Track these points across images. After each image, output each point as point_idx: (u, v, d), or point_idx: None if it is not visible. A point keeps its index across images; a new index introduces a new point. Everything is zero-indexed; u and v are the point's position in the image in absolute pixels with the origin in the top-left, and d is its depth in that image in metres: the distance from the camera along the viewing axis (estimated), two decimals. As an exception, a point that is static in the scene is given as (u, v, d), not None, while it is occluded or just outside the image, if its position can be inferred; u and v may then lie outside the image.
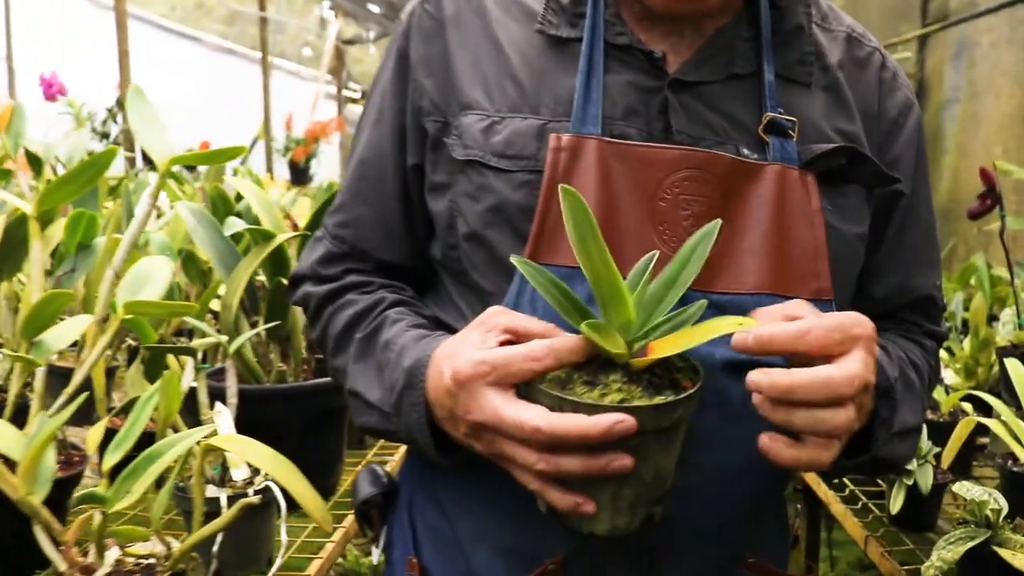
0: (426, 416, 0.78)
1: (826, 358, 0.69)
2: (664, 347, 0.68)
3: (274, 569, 1.13)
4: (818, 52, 0.89)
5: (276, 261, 1.45)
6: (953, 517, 1.42)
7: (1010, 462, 1.33)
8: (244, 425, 1.31)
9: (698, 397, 0.69)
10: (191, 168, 3.85)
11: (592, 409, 0.65)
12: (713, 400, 0.75)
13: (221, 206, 1.65)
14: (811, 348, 0.68)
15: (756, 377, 0.67)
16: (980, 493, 1.11)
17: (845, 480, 1.57)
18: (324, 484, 1.49)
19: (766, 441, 0.70)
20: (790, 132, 0.84)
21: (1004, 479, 1.31)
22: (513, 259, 0.72)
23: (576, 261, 0.68)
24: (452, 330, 0.89)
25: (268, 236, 1.38)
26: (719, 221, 0.75)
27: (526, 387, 0.70)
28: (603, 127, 0.82)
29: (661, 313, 0.71)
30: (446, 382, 0.72)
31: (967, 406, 1.61)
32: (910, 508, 1.29)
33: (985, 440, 1.73)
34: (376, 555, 1.08)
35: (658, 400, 0.67)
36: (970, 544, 1.01)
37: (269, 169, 6.47)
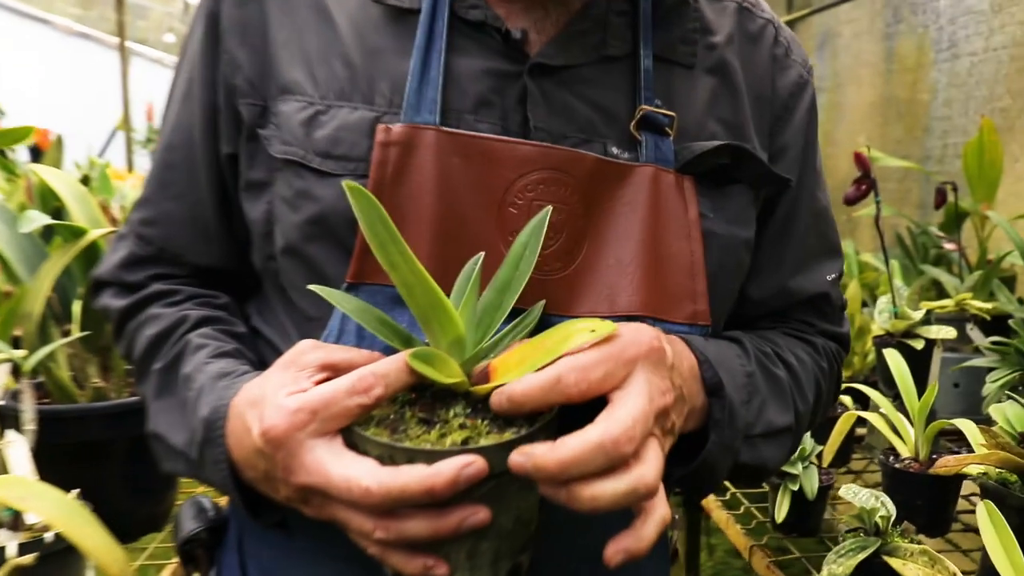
0: (231, 478, 0.63)
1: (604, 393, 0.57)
2: (507, 370, 0.55)
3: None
4: (704, 28, 0.77)
5: (91, 261, 1.26)
6: (838, 519, 1.36)
7: (892, 458, 1.28)
8: (57, 451, 1.17)
9: (557, 422, 0.56)
10: (36, 156, 3.53)
11: (431, 456, 0.52)
12: (574, 417, 0.63)
13: (50, 199, 1.45)
14: (571, 397, 0.55)
15: (518, 461, 0.53)
16: (867, 498, 1.05)
17: (727, 483, 1.50)
18: (153, 512, 1.34)
19: (613, 555, 0.56)
20: (667, 129, 0.72)
21: (886, 476, 1.26)
22: (312, 288, 0.60)
23: None
24: (277, 349, 0.75)
25: (78, 232, 1.18)
26: (549, 208, 0.63)
27: (349, 434, 0.56)
28: (449, 120, 0.68)
29: (497, 324, 0.59)
30: (255, 441, 0.58)
31: (845, 399, 1.57)
32: (795, 512, 1.22)
33: (863, 431, 1.70)
34: (205, 601, 0.93)
35: (508, 436, 0.54)
36: (861, 556, 0.94)
37: (129, 161, 6.08)
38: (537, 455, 0.52)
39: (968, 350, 1.79)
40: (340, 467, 0.54)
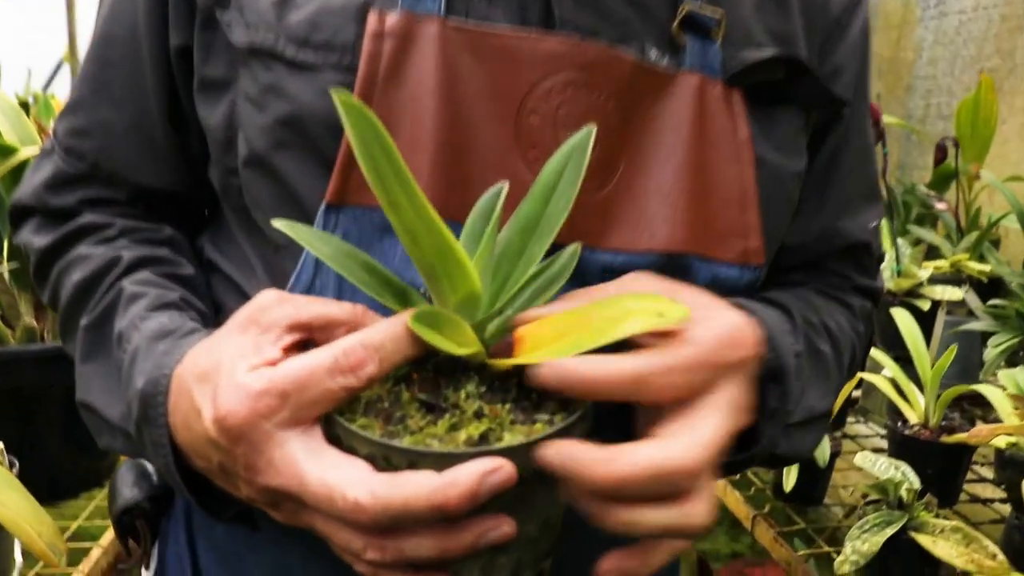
0: (176, 465, 0.51)
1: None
2: (538, 344, 0.43)
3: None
4: None
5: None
6: (849, 488, 1.29)
7: (900, 423, 1.20)
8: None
9: (592, 411, 0.44)
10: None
11: (441, 460, 0.39)
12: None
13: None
14: (645, 400, 0.45)
15: (554, 459, 0.41)
16: (886, 467, 0.96)
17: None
18: (95, 466, 1.23)
19: (605, 572, 0.46)
20: (713, 33, 0.60)
21: (894, 443, 1.18)
22: (276, 224, 0.47)
23: None
24: (238, 289, 0.62)
25: (7, 151, 1.03)
26: (593, 126, 0.51)
27: (329, 423, 0.43)
28: (456, 5, 0.55)
29: (521, 276, 0.46)
30: (206, 427, 0.45)
31: (842, 360, 1.49)
32: (802, 481, 1.13)
33: (857, 393, 1.62)
34: (145, 581, 0.80)
35: (541, 428, 0.42)
36: (888, 532, 0.85)
37: (75, 95, 5.80)
38: (584, 461, 0.40)
39: (961, 313, 1.72)
40: (319, 470, 0.42)
